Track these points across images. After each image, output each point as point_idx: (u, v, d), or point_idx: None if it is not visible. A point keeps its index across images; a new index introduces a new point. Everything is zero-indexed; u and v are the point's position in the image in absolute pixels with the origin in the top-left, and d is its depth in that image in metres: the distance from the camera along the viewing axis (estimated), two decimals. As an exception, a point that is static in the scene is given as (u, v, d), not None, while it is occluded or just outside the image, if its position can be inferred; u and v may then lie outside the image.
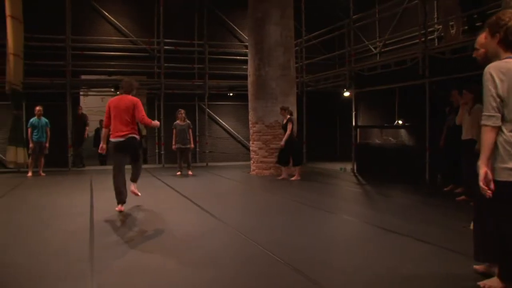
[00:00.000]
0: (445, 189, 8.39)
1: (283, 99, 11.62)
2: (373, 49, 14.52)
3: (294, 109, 11.91)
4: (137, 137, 6.69)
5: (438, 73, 9.16)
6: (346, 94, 13.83)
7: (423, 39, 9.67)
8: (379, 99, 12.41)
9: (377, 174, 11.01)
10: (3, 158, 13.70)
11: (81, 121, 14.33)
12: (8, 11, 12.13)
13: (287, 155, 10.62)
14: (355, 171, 11.97)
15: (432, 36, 11.33)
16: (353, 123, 12.29)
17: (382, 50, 14.08)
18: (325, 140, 16.68)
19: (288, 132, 10.44)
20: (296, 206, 7.17)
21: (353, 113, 12.23)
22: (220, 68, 15.94)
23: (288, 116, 10.59)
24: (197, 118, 15.70)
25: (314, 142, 15.24)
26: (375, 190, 9.17)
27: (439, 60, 9.15)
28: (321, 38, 14.42)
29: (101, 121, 16.58)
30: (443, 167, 8.91)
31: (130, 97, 6.65)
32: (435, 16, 11.81)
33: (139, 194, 6.97)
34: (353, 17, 12.32)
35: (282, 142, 10.46)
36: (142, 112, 6.58)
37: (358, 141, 12.42)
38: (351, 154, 12.33)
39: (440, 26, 10.73)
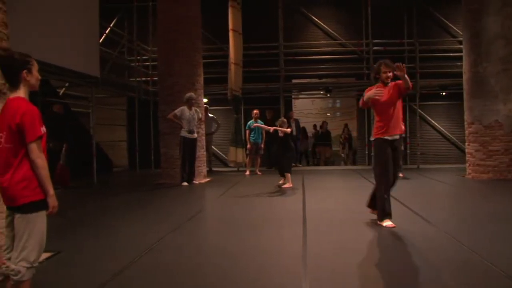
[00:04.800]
0: None
1: (504, 97, 10.63)
2: None
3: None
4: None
5: None
6: None
7: None
8: None
9: None
10: (225, 157, 15.26)
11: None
12: (230, 26, 13.59)
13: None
14: None
15: None
16: None
17: None
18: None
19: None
20: (521, 215, 6.48)
21: None
22: (431, 67, 15.30)
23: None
24: (407, 118, 15.24)
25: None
26: None
27: None
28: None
29: (315, 125, 17.28)
30: None
31: None
32: None
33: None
34: None
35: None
36: None
37: None
38: None
39: None
